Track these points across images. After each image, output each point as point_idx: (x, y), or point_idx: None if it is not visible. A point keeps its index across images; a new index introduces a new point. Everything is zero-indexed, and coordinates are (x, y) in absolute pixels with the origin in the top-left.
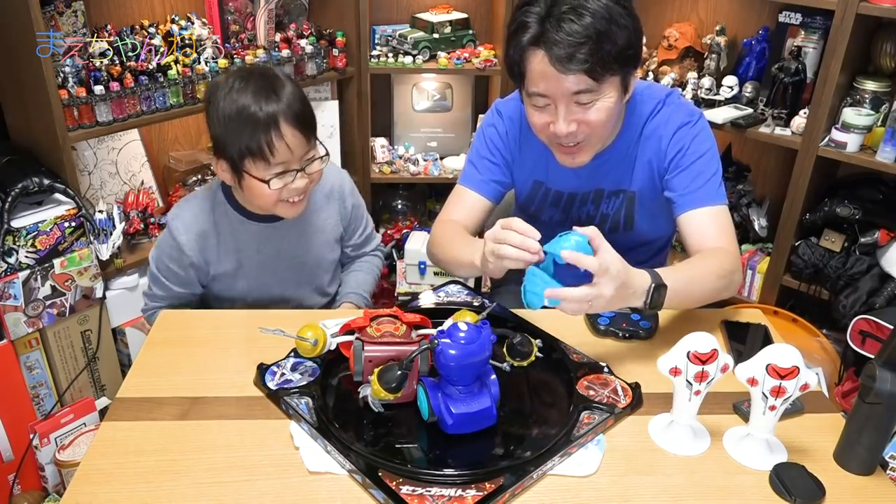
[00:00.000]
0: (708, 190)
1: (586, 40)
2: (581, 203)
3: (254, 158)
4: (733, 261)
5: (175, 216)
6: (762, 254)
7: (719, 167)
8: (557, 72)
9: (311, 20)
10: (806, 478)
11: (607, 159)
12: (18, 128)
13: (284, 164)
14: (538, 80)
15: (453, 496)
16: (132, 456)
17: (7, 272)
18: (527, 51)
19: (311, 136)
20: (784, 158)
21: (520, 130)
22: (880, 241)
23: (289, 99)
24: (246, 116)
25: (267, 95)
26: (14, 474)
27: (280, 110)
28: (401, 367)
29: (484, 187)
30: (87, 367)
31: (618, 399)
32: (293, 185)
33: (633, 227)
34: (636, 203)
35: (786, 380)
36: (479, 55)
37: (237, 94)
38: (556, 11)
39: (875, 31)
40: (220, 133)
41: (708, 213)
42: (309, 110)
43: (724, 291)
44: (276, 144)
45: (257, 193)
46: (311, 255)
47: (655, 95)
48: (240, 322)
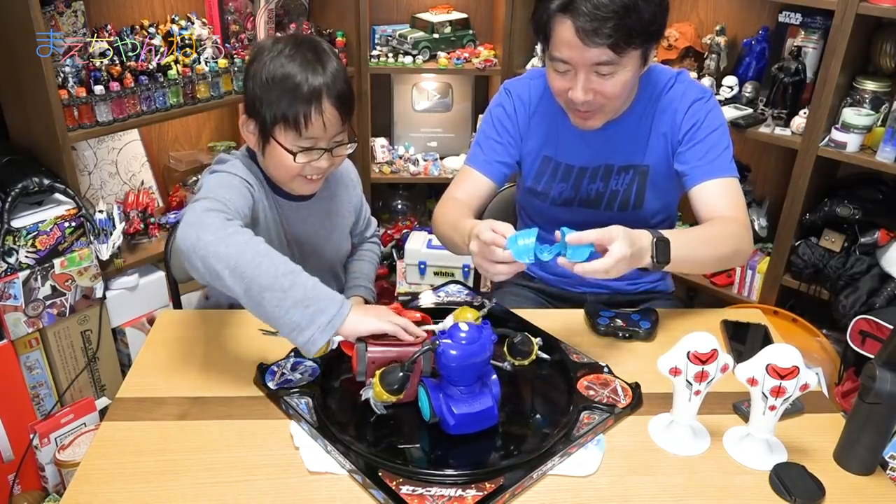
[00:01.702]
0: (721, 162)
1: (613, 15)
2: (590, 179)
3: (286, 126)
4: (743, 230)
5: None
6: (762, 254)
7: (731, 142)
8: (581, 42)
9: (311, 20)
10: (806, 478)
11: (619, 129)
12: (18, 128)
13: (314, 141)
14: (562, 47)
15: (453, 496)
16: (132, 456)
17: (7, 272)
18: (554, 17)
19: (347, 117)
20: (784, 158)
21: (529, 107)
22: (880, 241)
23: (334, 75)
24: (290, 84)
25: (314, 68)
26: (14, 474)
27: (325, 84)
28: (403, 368)
29: (487, 168)
30: (87, 367)
31: (618, 399)
32: (316, 164)
33: (643, 205)
34: (648, 179)
35: (786, 380)
36: (479, 55)
37: (285, 60)
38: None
39: (875, 31)
40: (257, 94)
41: (720, 185)
42: (351, 91)
43: (735, 258)
44: (312, 119)
45: (278, 162)
46: (331, 243)
47: (668, 72)
48: (240, 322)
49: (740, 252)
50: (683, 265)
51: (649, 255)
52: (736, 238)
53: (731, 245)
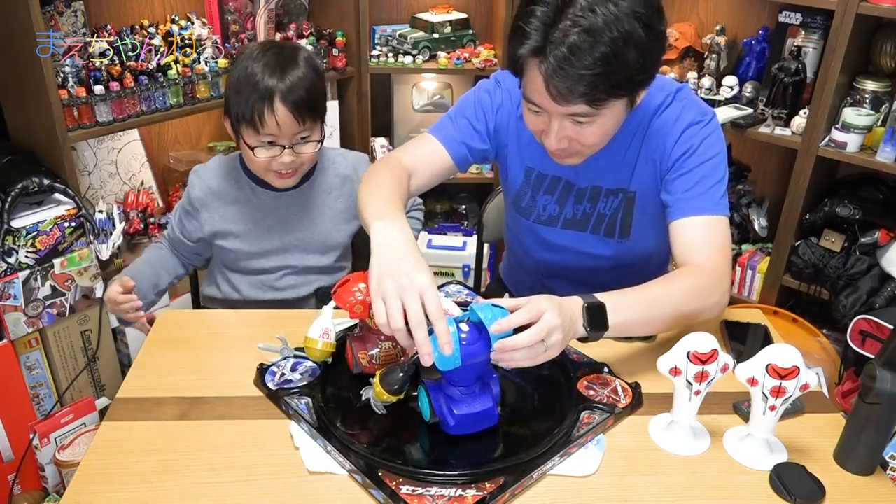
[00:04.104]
0: (709, 198)
1: (591, 74)
2: (577, 199)
3: (246, 124)
4: (715, 281)
5: (195, 169)
6: (762, 254)
7: (726, 174)
8: (552, 99)
9: (311, 20)
10: (806, 478)
11: (606, 151)
12: (18, 128)
13: (273, 137)
14: (534, 92)
15: (453, 496)
16: (132, 456)
17: (7, 272)
18: (525, 59)
19: (305, 118)
20: (784, 158)
21: (516, 107)
22: (880, 241)
23: (294, 79)
24: (249, 84)
25: (272, 71)
26: (14, 474)
27: (279, 87)
28: (402, 369)
29: (453, 145)
30: (87, 367)
31: (618, 399)
32: (280, 160)
33: (629, 234)
34: (635, 205)
35: (786, 380)
36: (479, 55)
37: (252, 62)
38: (562, 23)
39: (875, 31)
40: (229, 93)
41: (703, 223)
42: (312, 95)
43: (702, 313)
44: (266, 118)
45: (247, 157)
46: (317, 232)
47: (665, 88)
48: (240, 322)
49: (707, 308)
50: (631, 329)
51: (581, 324)
52: (703, 293)
53: (695, 302)
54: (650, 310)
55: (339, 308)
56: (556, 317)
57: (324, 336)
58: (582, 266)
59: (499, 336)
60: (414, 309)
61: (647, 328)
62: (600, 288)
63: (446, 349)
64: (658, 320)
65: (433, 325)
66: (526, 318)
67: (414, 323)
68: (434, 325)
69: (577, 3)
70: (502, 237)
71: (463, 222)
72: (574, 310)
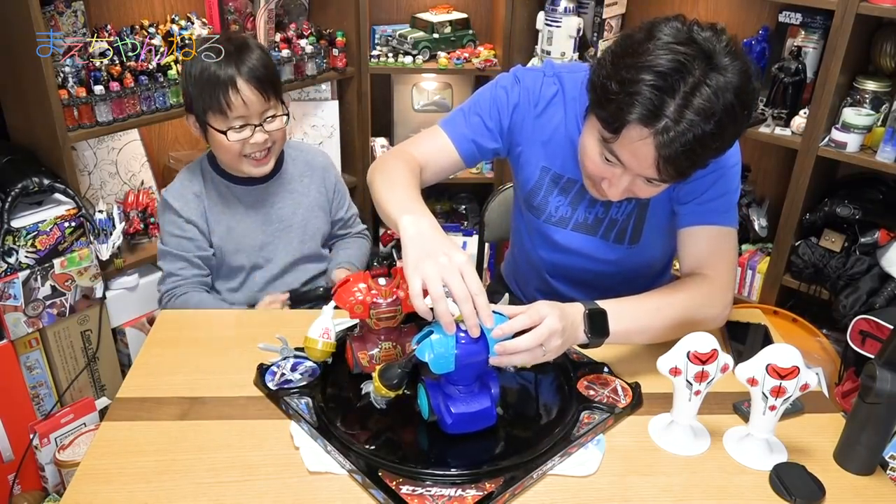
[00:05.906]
0: (720, 207)
1: (703, 162)
2: (590, 203)
3: (214, 112)
4: (718, 292)
5: (166, 190)
6: (762, 254)
7: (738, 186)
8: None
9: (311, 20)
10: (806, 478)
11: None
12: (18, 128)
13: (243, 119)
14: (625, 152)
15: (453, 496)
16: (132, 456)
17: (7, 272)
18: (631, 123)
19: (269, 94)
20: (784, 158)
21: (536, 106)
22: (880, 241)
23: (252, 62)
24: (210, 77)
25: (228, 59)
26: (14, 474)
27: (238, 71)
28: (400, 365)
29: (462, 142)
30: (87, 367)
31: (618, 399)
32: (252, 140)
33: (639, 240)
34: (648, 212)
35: (786, 380)
36: (479, 55)
37: (205, 57)
38: (686, 103)
39: (875, 31)
40: (190, 90)
41: (711, 233)
42: (269, 72)
43: (703, 324)
44: (232, 100)
45: (219, 146)
46: (297, 218)
47: None
48: (239, 322)
49: (709, 320)
50: (631, 337)
51: (583, 330)
52: (704, 304)
53: (696, 314)
54: (651, 319)
55: (339, 308)
56: (557, 322)
57: (324, 336)
58: (585, 268)
59: (497, 340)
60: (458, 285)
61: (648, 337)
62: (600, 289)
63: (487, 321)
64: (659, 329)
65: (475, 299)
66: (527, 322)
67: (460, 298)
68: (475, 299)
69: (699, 83)
70: (503, 237)
71: (463, 222)
72: (575, 316)
